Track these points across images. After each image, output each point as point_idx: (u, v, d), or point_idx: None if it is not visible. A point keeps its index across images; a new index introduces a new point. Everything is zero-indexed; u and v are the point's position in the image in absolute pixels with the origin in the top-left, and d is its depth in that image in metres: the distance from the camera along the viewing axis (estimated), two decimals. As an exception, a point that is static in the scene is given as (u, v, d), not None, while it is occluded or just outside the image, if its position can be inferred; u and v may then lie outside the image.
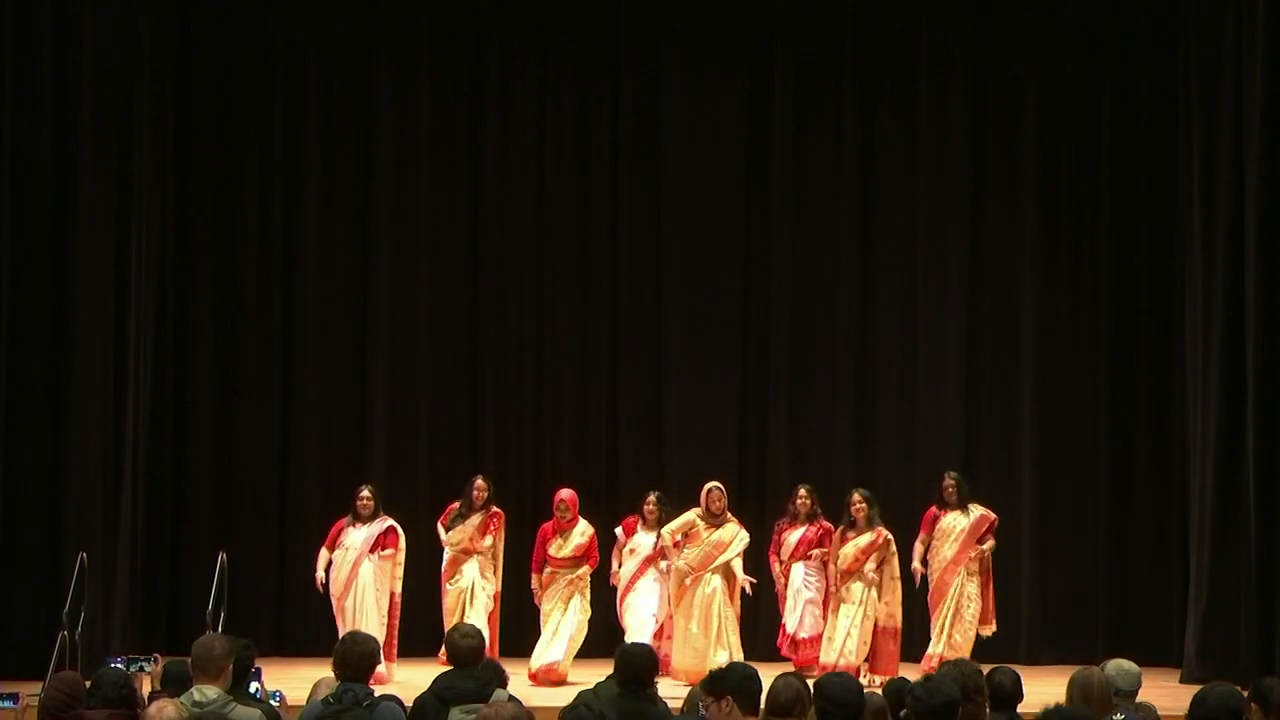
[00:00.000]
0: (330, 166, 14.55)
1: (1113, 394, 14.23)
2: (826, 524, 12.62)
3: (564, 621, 12.41)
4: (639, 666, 6.92)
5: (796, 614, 12.55)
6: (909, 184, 14.48)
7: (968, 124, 14.39)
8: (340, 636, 7.02)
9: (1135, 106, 14.23)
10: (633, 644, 7.21)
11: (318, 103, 14.52)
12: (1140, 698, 6.86)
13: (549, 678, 12.15)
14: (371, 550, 12.48)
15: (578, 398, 14.61)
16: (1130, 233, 14.27)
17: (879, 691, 6.72)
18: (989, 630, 12.54)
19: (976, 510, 12.54)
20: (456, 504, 12.81)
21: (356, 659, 6.68)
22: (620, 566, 12.67)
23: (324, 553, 12.60)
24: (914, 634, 12.78)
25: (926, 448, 14.25)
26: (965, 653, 11.98)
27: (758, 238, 14.58)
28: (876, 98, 14.56)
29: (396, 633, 12.59)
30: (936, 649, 12.27)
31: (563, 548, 12.54)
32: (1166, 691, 10.62)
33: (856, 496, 12.51)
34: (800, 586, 12.54)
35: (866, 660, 12.34)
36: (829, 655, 12.20)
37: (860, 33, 14.49)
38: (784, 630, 12.64)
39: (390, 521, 12.61)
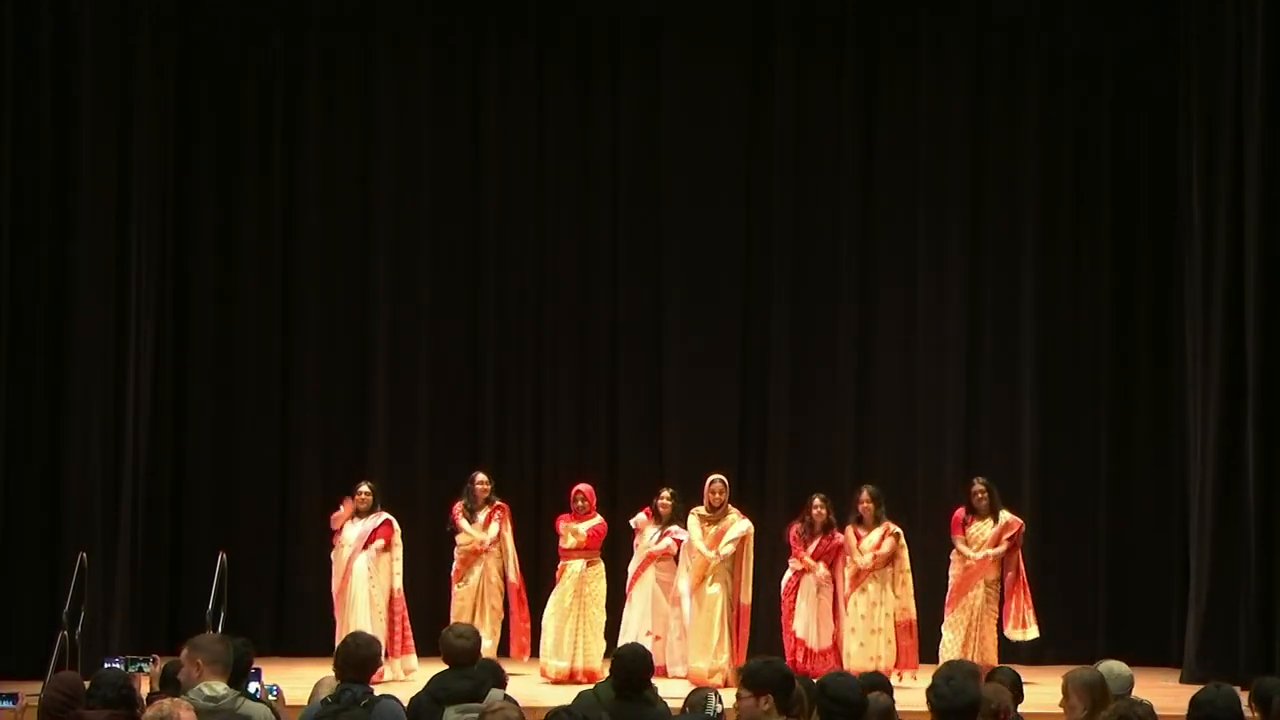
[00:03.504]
0: (331, 167, 14.56)
1: (1113, 394, 14.23)
2: (838, 538, 12.49)
3: (593, 619, 12.44)
4: (633, 669, 6.92)
5: (803, 620, 12.46)
6: (909, 182, 14.47)
7: (968, 122, 14.38)
8: (341, 636, 6.99)
9: (1136, 105, 14.22)
10: (627, 646, 7.21)
11: (317, 102, 14.53)
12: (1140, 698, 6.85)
13: (592, 679, 11.73)
14: (365, 545, 12.43)
15: (578, 393, 14.60)
16: (1130, 233, 14.26)
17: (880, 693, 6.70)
18: (1025, 634, 12.51)
19: (1004, 517, 12.46)
20: (461, 502, 12.74)
21: (359, 661, 6.67)
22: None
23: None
24: (933, 630, 12.57)
25: (927, 447, 14.26)
26: (990, 658, 12.00)
27: (758, 232, 14.56)
28: (876, 95, 14.55)
29: (400, 628, 12.49)
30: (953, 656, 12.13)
31: (569, 539, 12.58)
32: (1166, 691, 10.62)
33: (865, 494, 12.48)
34: (814, 592, 12.45)
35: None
36: (862, 661, 12.07)
37: (861, 25, 14.48)
38: (794, 636, 12.49)
39: (385, 516, 12.53)
